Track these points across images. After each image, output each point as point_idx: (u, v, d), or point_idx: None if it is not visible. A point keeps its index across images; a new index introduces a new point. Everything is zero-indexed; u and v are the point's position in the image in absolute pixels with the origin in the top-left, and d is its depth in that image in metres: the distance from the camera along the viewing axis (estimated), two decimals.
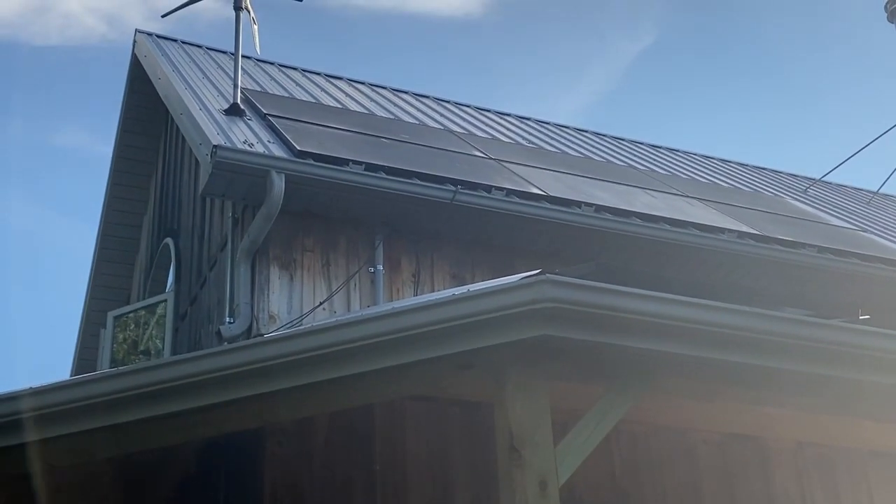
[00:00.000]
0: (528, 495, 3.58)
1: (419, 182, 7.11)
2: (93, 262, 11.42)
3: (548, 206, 7.48)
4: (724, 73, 26.79)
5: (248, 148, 6.84)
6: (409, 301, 4.44)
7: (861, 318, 4.05)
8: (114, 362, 9.01)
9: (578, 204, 7.67)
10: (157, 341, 8.82)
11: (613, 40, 26.08)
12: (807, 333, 3.69)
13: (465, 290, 3.72)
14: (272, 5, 8.56)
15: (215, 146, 6.56)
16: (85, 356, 11.34)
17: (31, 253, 27.20)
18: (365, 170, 7.02)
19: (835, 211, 11.16)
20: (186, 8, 8.51)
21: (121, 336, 9.14)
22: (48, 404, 3.90)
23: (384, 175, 7.04)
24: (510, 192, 7.49)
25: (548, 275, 3.58)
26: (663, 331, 3.67)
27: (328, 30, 26.27)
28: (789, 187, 12.25)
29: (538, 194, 7.63)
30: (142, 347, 8.99)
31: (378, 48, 26.93)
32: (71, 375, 11.85)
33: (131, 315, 9.23)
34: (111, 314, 8.99)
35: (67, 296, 29.08)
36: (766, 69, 26.90)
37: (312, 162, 6.89)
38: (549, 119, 12.48)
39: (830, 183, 13.12)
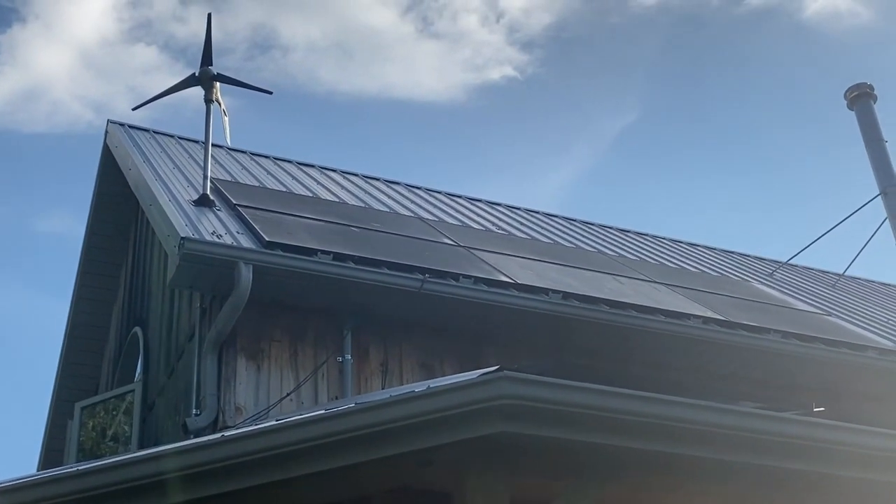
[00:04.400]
0: None
1: (388, 271, 7.18)
2: (62, 350, 11.35)
3: (515, 293, 7.55)
4: (702, 148, 27.37)
5: (216, 239, 6.90)
6: (371, 397, 4.46)
7: (815, 409, 4.10)
8: (81, 452, 8.91)
9: (546, 291, 7.74)
10: (126, 427, 8.74)
11: (597, 117, 26.59)
12: (760, 427, 3.74)
13: (424, 387, 3.75)
14: (253, 95, 8.68)
15: (183, 238, 6.61)
16: (53, 446, 11.19)
17: (10, 332, 27.00)
18: (333, 259, 7.08)
19: (800, 294, 11.30)
20: (169, 90, 8.60)
21: (90, 423, 9.05)
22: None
23: (353, 265, 7.10)
24: (478, 280, 7.56)
25: (506, 371, 3.62)
26: (623, 426, 3.71)
27: (314, 116, 26.64)
28: (756, 270, 12.41)
29: (506, 282, 7.71)
30: (111, 433, 8.91)
31: (363, 133, 27.32)
32: (39, 463, 11.67)
33: (100, 404, 9.16)
34: (79, 405, 8.91)
35: (43, 377, 28.80)
36: (740, 148, 27.50)
37: (281, 252, 6.95)
38: (523, 203, 12.69)
39: (797, 266, 13.30)
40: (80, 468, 4.07)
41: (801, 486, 3.99)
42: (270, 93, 8.63)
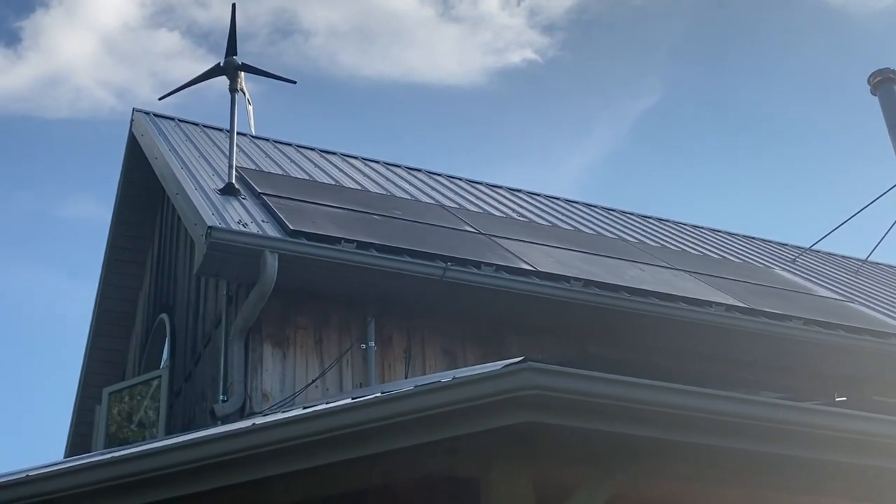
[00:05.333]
0: None
1: (410, 259, 7.25)
2: (89, 336, 11.50)
3: (537, 281, 7.61)
4: (724, 131, 27.27)
5: (243, 228, 6.99)
6: (396, 385, 4.54)
7: (837, 399, 4.15)
8: (109, 438, 9.05)
9: (567, 279, 7.80)
10: (151, 412, 8.87)
11: (618, 100, 26.55)
12: (781, 417, 3.79)
13: (450, 378, 3.82)
14: (275, 82, 8.75)
15: (210, 227, 6.70)
16: (81, 430, 11.36)
17: (36, 316, 27.35)
18: (357, 248, 7.16)
19: (823, 281, 11.29)
20: (195, 80, 8.68)
21: (117, 409, 9.19)
22: (43, 492, 3.97)
23: (375, 252, 7.18)
24: (500, 268, 7.62)
25: (531, 362, 3.68)
26: (645, 417, 3.77)
27: (336, 101, 26.73)
28: (778, 257, 12.41)
29: (528, 270, 7.77)
30: (136, 420, 9.04)
31: (384, 117, 27.39)
32: (67, 449, 11.85)
33: (127, 390, 9.30)
34: (107, 390, 9.05)
35: (70, 362, 29.19)
36: (762, 132, 27.37)
37: (305, 241, 7.03)
38: (543, 187, 12.72)
39: (819, 252, 13.28)
40: (107, 458, 4.16)
41: (822, 475, 4.04)
42: (294, 82, 8.70)
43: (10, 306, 27.04)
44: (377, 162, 11.83)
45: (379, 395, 3.93)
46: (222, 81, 8.55)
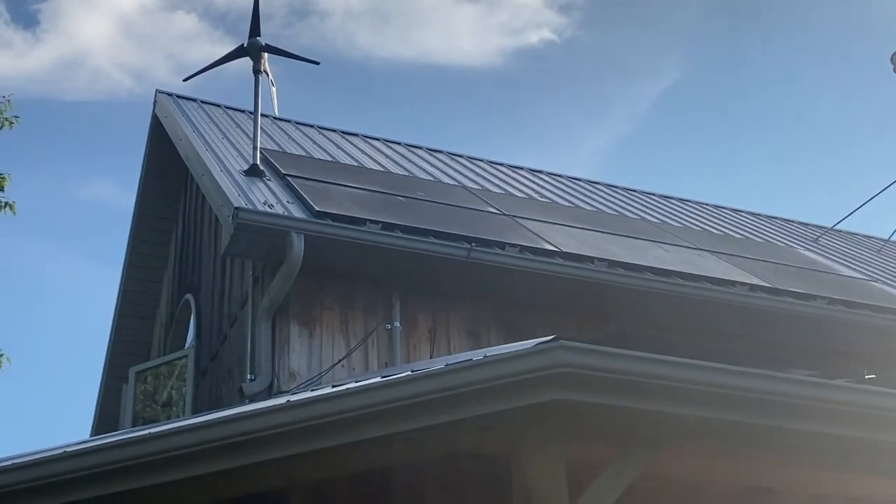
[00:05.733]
0: None
1: (435, 240, 7.28)
2: (114, 316, 11.61)
3: (561, 262, 7.63)
4: (745, 111, 27.11)
5: (269, 209, 7.03)
6: (426, 364, 4.58)
7: (867, 377, 4.16)
8: (135, 417, 9.16)
9: (591, 259, 7.81)
10: (178, 392, 8.97)
11: (637, 79, 26.38)
12: (812, 394, 3.81)
13: (481, 356, 3.86)
14: (293, 63, 8.77)
15: (237, 208, 6.75)
16: (107, 409, 11.48)
17: (59, 298, 27.59)
18: (382, 229, 7.19)
19: (846, 260, 11.26)
20: (219, 62, 8.72)
21: (143, 388, 9.30)
22: (57, 472, 4.03)
23: (401, 234, 7.21)
24: (524, 248, 7.65)
25: (562, 341, 3.71)
26: (675, 394, 3.80)
27: (352, 83, 26.71)
28: (800, 237, 12.37)
29: (551, 250, 7.79)
30: (163, 399, 9.14)
31: (400, 99, 27.35)
32: (93, 428, 11.98)
33: (153, 369, 9.40)
34: (133, 370, 9.15)
35: (94, 343, 29.44)
36: (783, 111, 27.22)
37: (331, 222, 7.07)
38: (562, 167, 12.84)
39: (841, 231, 13.23)
40: (140, 434, 4.22)
41: (851, 452, 4.06)
42: (318, 63, 8.73)
43: (32, 287, 27.29)
44: (399, 143, 11.85)
45: (410, 373, 3.97)
46: (238, 63, 8.59)
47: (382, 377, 4.19)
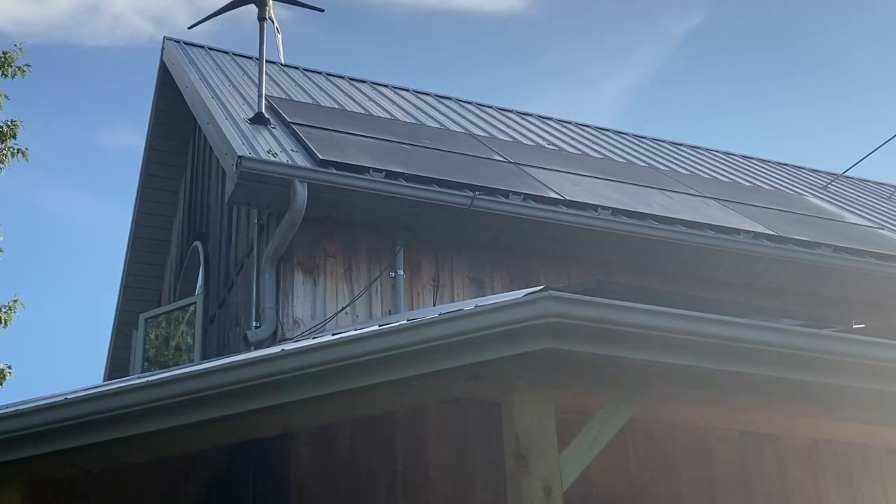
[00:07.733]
0: (534, 500, 3.79)
1: (438, 188, 7.31)
2: (125, 262, 11.73)
3: (564, 210, 7.65)
4: (765, 53, 26.77)
5: (272, 158, 7.07)
6: (423, 313, 4.65)
7: (855, 325, 4.21)
8: (147, 362, 9.31)
9: (595, 207, 7.83)
10: (188, 338, 9.11)
11: (662, 20, 26.07)
12: (797, 343, 3.87)
13: (472, 306, 3.92)
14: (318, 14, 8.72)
15: (240, 157, 6.79)
16: (118, 355, 11.66)
17: (78, 241, 27.83)
18: (385, 177, 7.23)
19: (855, 208, 11.23)
20: (224, 9, 8.70)
21: (153, 334, 9.45)
22: (84, 413, 4.14)
23: (404, 182, 7.24)
24: (527, 196, 7.67)
25: (550, 291, 3.77)
26: (661, 342, 3.86)
27: (370, 28, 26.54)
28: (810, 184, 12.33)
29: (555, 198, 7.81)
30: (174, 343, 9.29)
31: (422, 45, 27.17)
32: (105, 373, 12.19)
33: (162, 315, 9.53)
34: (143, 316, 9.28)
35: (108, 288, 29.76)
36: (802, 53, 26.89)
37: (334, 171, 7.11)
38: (585, 111, 13.09)
39: (852, 178, 13.17)
40: (149, 380, 4.31)
41: (838, 400, 4.12)
42: (322, 10, 8.68)
43: (51, 230, 27.51)
44: (407, 90, 11.82)
45: (405, 322, 4.04)
46: (253, 10, 8.56)
47: (380, 325, 4.27)
